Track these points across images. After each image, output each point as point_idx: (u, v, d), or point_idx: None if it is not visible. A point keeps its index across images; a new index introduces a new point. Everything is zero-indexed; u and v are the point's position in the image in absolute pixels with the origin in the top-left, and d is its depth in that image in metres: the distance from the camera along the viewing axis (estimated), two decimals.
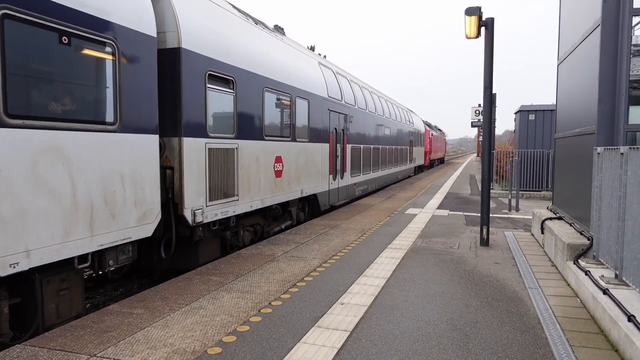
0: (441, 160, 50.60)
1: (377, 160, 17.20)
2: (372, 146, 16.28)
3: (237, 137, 7.36)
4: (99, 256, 4.98)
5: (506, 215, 11.79)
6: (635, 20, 5.77)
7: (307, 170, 10.27)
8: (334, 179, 12.30)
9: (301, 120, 9.97)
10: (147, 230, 5.49)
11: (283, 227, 9.73)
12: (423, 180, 23.95)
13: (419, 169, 30.99)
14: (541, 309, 4.82)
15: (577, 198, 6.92)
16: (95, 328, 4.23)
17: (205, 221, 6.54)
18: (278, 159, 8.81)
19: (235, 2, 8.79)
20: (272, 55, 8.75)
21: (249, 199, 7.75)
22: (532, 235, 8.94)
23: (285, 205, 9.51)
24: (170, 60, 5.98)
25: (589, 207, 5.72)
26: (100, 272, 5.21)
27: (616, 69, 5.70)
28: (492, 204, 13.32)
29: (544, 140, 17.37)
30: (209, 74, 6.60)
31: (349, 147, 13.45)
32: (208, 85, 6.59)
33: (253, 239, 8.53)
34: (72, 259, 4.54)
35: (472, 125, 29.99)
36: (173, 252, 6.28)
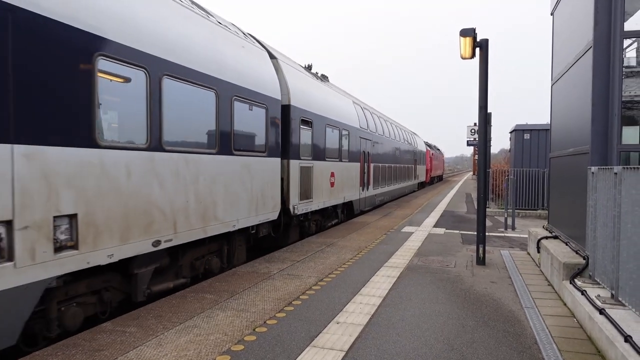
0: (440, 178, 53.04)
1: (391, 176, 20.56)
2: (387, 165, 19.57)
3: (312, 159, 10.71)
4: (256, 228, 8.28)
5: (502, 234, 11.80)
6: (626, 42, 5.90)
7: (347, 182, 13.61)
8: (363, 190, 15.60)
9: (345, 146, 13.40)
10: (275, 215, 8.76)
11: (333, 222, 13.14)
12: (419, 198, 23.98)
13: (422, 185, 33.72)
14: (538, 329, 4.80)
15: (572, 217, 6.95)
16: (87, 347, 4.17)
17: (298, 213, 9.78)
18: (332, 174, 12.23)
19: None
20: (328, 100, 12.20)
21: (317, 201, 11.02)
22: (529, 254, 8.93)
23: (334, 207, 13.02)
24: (284, 112, 9.19)
25: (584, 227, 5.74)
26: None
27: (609, 90, 5.79)
28: (488, 223, 13.33)
29: (539, 159, 17.50)
30: (301, 119, 10.00)
31: (372, 165, 16.72)
32: (301, 126, 9.97)
33: (316, 230, 11.75)
34: (248, 227, 7.94)
35: (468, 144, 30.16)
36: (277, 232, 9.46)
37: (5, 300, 3.76)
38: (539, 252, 7.74)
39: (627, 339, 3.73)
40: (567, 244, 6.98)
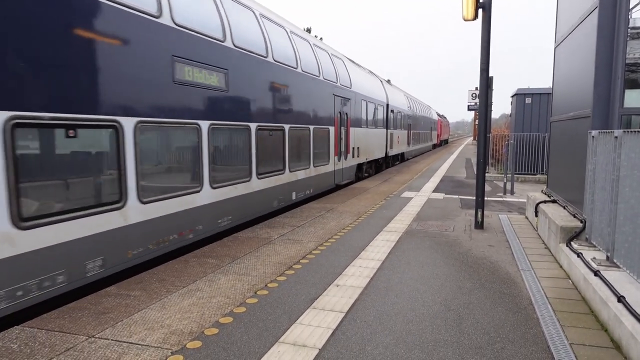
0: (445, 141, 64.00)
1: (419, 138, 32.39)
2: (418, 131, 31.14)
3: (393, 129, 21.76)
4: (377, 160, 19.42)
5: (501, 199, 11.87)
6: (632, 2, 5.74)
7: (403, 141, 24.83)
8: (408, 146, 27.01)
9: (402, 121, 24.33)
10: (383, 154, 19.89)
11: (397, 163, 23.93)
12: (419, 163, 23.99)
13: (434, 146, 45.60)
14: (533, 291, 4.90)
15: (571, 181, 6.97)
16: (92, 310, 4.27)
17: (389, 155, 21.25)
18: (398, 137, 22.97)
19: None
20: (395, 96, 22.98)
21: (394, 150, 22.32)
22: (527, 218, 9.02)
23: (397, 155, 23.59)
24: (385, 109, 19.84)
25: (583, 190, 5.77)
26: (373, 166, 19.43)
27: (613, 52, 5.69)
28: (488, 188, 13.38)
29: (540, 124, 17.38)
30: (391, 110, 21.01)
31: (411, 132, 28.01)
32: (390, 113, 20.78)
33: (391, 165, 22.48)
34: (378, 158, 19.24)
35: (469, 109, 29.91)
36: (382, 167, 20.70)
37: (352, 168, 14.76)
38: (537, 216, 7.80)
39: (620, 299, 3.81)
40: (565, 208, 7.04)
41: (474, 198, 8.25)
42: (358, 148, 15.10)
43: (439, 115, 52.23)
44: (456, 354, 3.51)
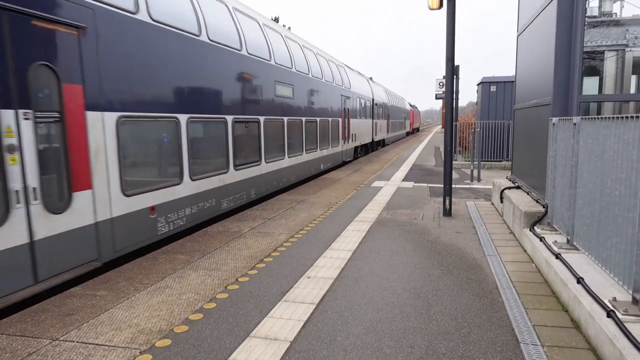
0: (417, 129, 70.84)
1: (395, 127, 37.47)
2: (395, 120, 36.35)
3: (376, 119, 26.23)
4: (366, 145, 23.54)
5: (468, 186, 12.13)
6: None
7: (383, 129, 29.21)
8: (387, 133, 31.67)
9: (383, 112, 28.77)
10: (370, 140, 24.22)
11: (379, 148, 28.21)
12: (389, 153, 24.26)
13: (407, 134, 50.55)
14: (499, 275, 5.04)
15: (534, 167, 7.18)
16: (56, 312, 4.14)
17: (375, 140, 26.35)
18: (380, 125, 28.17)
19: None
20: (379, 92, 28.03)
21: (378, 137, 27.31)
22: (492, 204, 9.25)
23: (379, 141, 28.46)
24: (371, 103, 24.34)
25: (545, 177, 5.95)
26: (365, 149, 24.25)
27: (571, 40, 5.85)
28: (455, 175, 13.66)
29: (505, 111, 17.81)
30: (375, 104, 25.63)
31: (390, 121, 32.84)
32: (374, 106, 25.38)
33: (375, 149, 27.07)
34: (367, 143, 23.72)
35: (437, 97, 30.28)
36: (369, 150, 25.02)
37: (352, 149, 19.55)
38: (502, 202, 8.02)
39: (579, 280, 3.96)
40: (528, 194, 7.25)
41: (442, 186, 8.39)
42: (355, 134, 19.87)
43: (411, 105, 58.56)
44: (425, 340, 3.59)
